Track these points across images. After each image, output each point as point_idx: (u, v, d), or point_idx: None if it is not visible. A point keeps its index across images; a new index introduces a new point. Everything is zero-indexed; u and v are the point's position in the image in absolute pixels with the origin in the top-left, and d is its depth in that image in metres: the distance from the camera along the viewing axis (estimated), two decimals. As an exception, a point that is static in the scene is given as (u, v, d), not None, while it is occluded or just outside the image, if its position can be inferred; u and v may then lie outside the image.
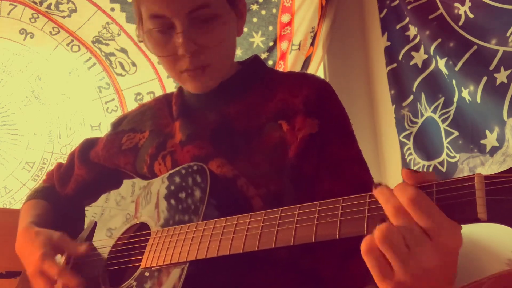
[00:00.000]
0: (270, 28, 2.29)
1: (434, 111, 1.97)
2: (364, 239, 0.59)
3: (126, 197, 1.06)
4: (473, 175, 0.54)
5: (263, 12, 2.28)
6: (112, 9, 2.14)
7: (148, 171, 1.03)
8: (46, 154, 2.11)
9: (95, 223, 1.09)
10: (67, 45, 2.14)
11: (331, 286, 0.86)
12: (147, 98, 2.19)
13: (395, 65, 2.20)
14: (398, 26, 2.18)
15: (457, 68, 1.83)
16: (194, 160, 0.93)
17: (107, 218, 1.07)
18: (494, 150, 1.70)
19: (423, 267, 0.56)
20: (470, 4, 1.81)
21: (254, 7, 2.26)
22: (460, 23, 1.86)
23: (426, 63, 2.04)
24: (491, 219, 0.52)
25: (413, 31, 2.10)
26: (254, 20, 2.27)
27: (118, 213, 1.05)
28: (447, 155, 1.90)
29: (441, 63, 1.90)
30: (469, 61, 1.80)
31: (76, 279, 0.91)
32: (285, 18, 2.30)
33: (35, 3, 2.06)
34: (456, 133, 1.86)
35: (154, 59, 2.20)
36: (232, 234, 0.75)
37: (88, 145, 1.19)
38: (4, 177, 2.04)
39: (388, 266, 0.57)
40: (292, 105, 0.95)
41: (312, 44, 2.31)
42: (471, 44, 1.80)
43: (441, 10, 1.95)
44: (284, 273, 0.87)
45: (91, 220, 1.10)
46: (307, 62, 2.30)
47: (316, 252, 0.85)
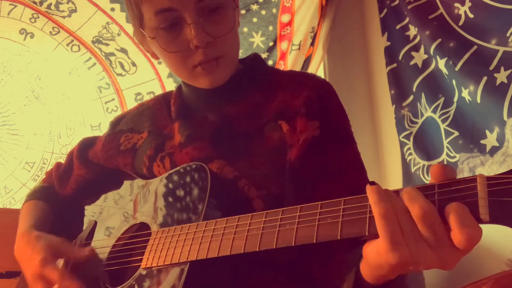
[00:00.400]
0: (270, 28, 2.29)
1: (434, 111, 1.97)
2: (377, 202, 0.58)
3: (124, 196, 1.06)
4: (475, 176, 0.54)
5: (263, 12, 2.28)
6: (112, 9, 2.14)
7: (147, 172, 1.02)
8: (46, 154, 2.11)
9: (95, 223, 1.08)
10: (67, 45, 2.14)
11: (322, 287, 0.86)
12: (147, 98, 2.16)
13: (395, 65, 2.20)
14: (398, 26, 2.18)
15: (457, 68, 1.83)
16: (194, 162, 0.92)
17: (106, 217, 1.07)
18: (494, 150, 1.69)
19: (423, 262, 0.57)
20: (470, 4, 1.81)
21: (254, 7, 2.26)
22: (460, 23, 1.85)
23: (426, 63, 2.04)
24: (493, 220, 0.52)
25: (413, 31, 2.10)
26: (254, 20, 2.27)
27: (116, 212, 1.05)
28: (447, 155, 1.90)
29: (441, 63, 1.90)
30: (469, 61, 1.80)
31: (77, 283, 0.91)
32: (285, 18, 2.30)
33: (35, 3, 2.06)
34: (456, 133, 1.86)
35: (154, 59, 2.20)
36: (233, 234, 0.74)
37: (86, 144, 1.18)
38: (4, 177, 2.04)
39: (401, 234, 0.57)
40: (292, 105, 0.94)
41: (312, 44, 2.30)
42: (471, 44, 1.80)
43: (441, 10, 1.95)
44: (283, 274, 0.87)
45: (91, 220, 1.10)
46: (307, 62, 2.30)
47: (309, 254, 0.85)
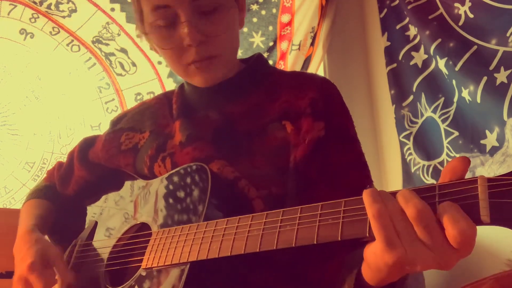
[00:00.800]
0: (270, 28, 2.29)
1: (434, 111, 1.97)
2: (371, 204, 0.58)
3: (125, 197, 1.06)
4: (476, 177, 0.54)
5: (263, 12, 2.28)
6: (112, 9, 2.14)
7: (148, 172, 1.02)
8: (46, 154, 2.10)
9: (96, 223, 1.08)
10: (67, 45, 2.13)
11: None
12: (147, 98, 2.17)
13: (395, 65, 2.20)
14: (398, 26, 2.18)
15: (457, 68, 1.83)
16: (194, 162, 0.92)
17: (106, 217, 1.07)
18: (494, 150, 1.70)
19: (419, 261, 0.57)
20: (470, 4, 1.81)
21: (254, 7, 2.26)
22: (460, 23, 1.85)
23: (426, 63, 2.04)
24: (494, 222, 0.52)
25: (413, 31, 2.10)
26: (254, 20, 2.27)
27: (116, 213, 1.05)
28: (447, 155, 1.90)
29: (441, 63, 1.90)
30: (469, 61, 1.80)
31: None
32: (285, 18, 2.30)
33: (35, 3, 2.06)
34: (456, 133, 1.86)
35: (154, 59, 2.19)
36: (233, 235, 0.74)
37: (87, 145, 1.17)
38: (4, 177, 2.04)
39: (396, 234, 0.57)
40: (297, 106, 0.94)
41: (312, 44, 2.30)
42: (471, 44, 1.80)
43: (441, 10, 1.95)
44: (284, 275, 0.87)
45: (91, 220, 1.10)
46: (307, 62, 2.30)
47: (309, 255, 0.85)
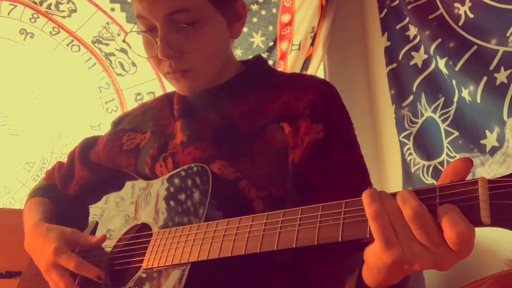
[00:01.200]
0: (270, 28, 2.29)
1: (434, 111, 1.97)
2: (369, 204, 0.59)
3: (125, 198, 1.06)
4: (476, 179, 0.54)
5: (263, 12, 2.28)
6: (112, 9, 2.14)
7: (150, 172, 1.02)
8: (46, 154, 2.10)
9: (96, 224, 1.08)
10: (67, 45, 2.13)
11: None
12: (147, 98, 2.18)
13: (395, 65, 2.20)
14: (398, 26, 2.18)
15: (457, 68, 1.83)
16: (196, 162, 0.92)
17: (107, 219, 1.07)
18: (494, 150, 1.70)
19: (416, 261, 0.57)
20: (470, 4, 1.81)
21: (254, 7, 2.26)
22: (460, 23, 1.86)
23: (426, 63, 2.04)
24: (495, 223, 0.52)
25: (413, 31, 2.10)
26: (254, 20, 2.27)
27: (117, 214, 1.05)
28: (447, 155, 1.90)
29: (441, 63, 1.90)
30: (469, 61, 1.80)
31: (96, 269, 0.91)
32: (285, 18, 2.30)
33: (35, 3, 2.06)
34: (456, 133, 1.86)
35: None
36: (234, 236, 0.74)
37: (88, 145, 1.18)
38: (4, 177, 2.04)
39: (394, 234, 0.57)
40: (296, 107, 0.94)
41: (312, 44, 2.30)
42: (471, 44, 1.80)
43: (441, 10, 1.95)
44: (284, 276, 0.87)
45: (92, 221, 1.10)
46: (307, 62, 2.30)
47: (308, 257, 0.85)
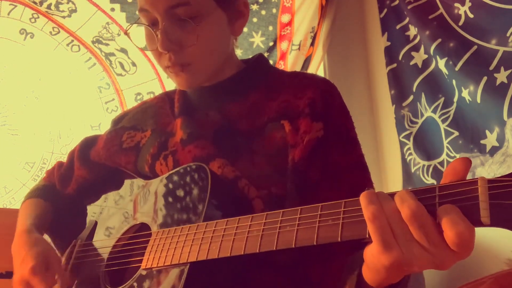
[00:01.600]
0: (270, 28, 2.29)
1: (434, 111, 1.97)
2: (366, 206, 0.58)
3: (124, 196, 1.06)
4: (476, 178, 0.54)
5: (263, 12, 2.28)
6: (112, 9, 2.14)
7: (149, 171, 1.02)
8: (46, 154, 2.10)
9: (95, 223, 1.08)
10: (67, 45, 2.13)
11: None
12: (147, 98, 2.18)
13: (395, 65, 2.20)
14: (398, 26, 2.18)
15: (457, 68, 1.83)
16: (196, 161, 0.92)
17: (106, 217, 1.07)
18: (494, 150, 1.70)
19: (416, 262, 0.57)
20: (470, 4, 1.81)
21: (254, 7, 2.26)
22: (460, 23, 1.85)
23: (426, 63, 2.04)
24: (494, 223, 0.51)
25: (413, 31, 2.10)
26: (254, 20, 2.27)
27: (116, 212, 1.05)
28: (447, 155, 1.90)
29: (441, 63, 1.90)
30: (469, 61, 1.80)
31: None
32: (285, 18, 2.30)
33: (35, 3, 2.06)
34: (456, 133, 1.86)
35: (154, 59, 2.19)
36: (233, 236, 0.74)
37: (88, 144, 1.18)
38: (4, 177, 2.04)
39: (392, 235, 0.57)
40: (296, 106, 0.94)
41: (312, 44, 2.30)
42: (471, 44, 1.80)
43: (441, 10, 1.95)
44: (283, 276, 0.87)
45: (91, 220, 1.10)
46: (307, 62, 2.30)
47: (307, 256, 0.85)
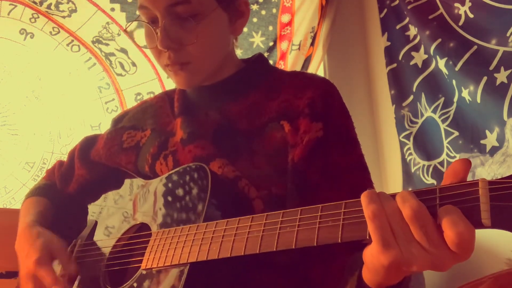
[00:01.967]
0: (270, 28, 2.29)
1: (434, 111, 1.97)
2: (367, 205, 0.58)
3: (124, 196, 1.06)
4: (477, 180, 0.53)
5: (263, 12, 2.28)
6: (112, 9, 2.13)
7: (150, 170, 1.02)
8: (46, 154, 2.10)
9: (96, 222, 1.08)
10: (67, 45, 2.13)
11: None
12: (147, 98, 2.18)
13: (395, 65, 2.20)
14: (398, 26, 2.18)
15: (457, 68, 1.83)
16: (196, 161, 0.92)
17: (105, 217, 1.07)
18: (494, 150, 1.70)
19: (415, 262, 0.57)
20: (470, 4, 1.81)
21: (254, 7, 2.26)
22: (460, 23, 1.85)
23: (426, 63, 2.04)
24: (495, 225, 0.51)
25: (413, 31, 2.09)
26: (254, 20, 2.27)
27: (116, 212, 1.05)
28: (447, 155, 1.90)
29: (441, 63, 1.90)
30: (469, 61, 1.80)
31: None
32: (285, 18, 2.30)
33: (35, 3, 2.06)
34: (456, 133, 1.86)
35: (154, 59, 2.19)
36: (233, 236, 0.74)
37: (88, 144, 1.18)
38: (4, 177, 2.03)
39: (392, 235, 0.57)
40: (295, 106, 0.94)
41: (312, 44, 2.30)
42: (471, 44, 1.80)
43: (441, 10, 1.95)
44: (284, 276, 0.87)
45: (91, 219, 1.10)
46: (307, 62, 2.30)
47: (307, 257, 0.85)
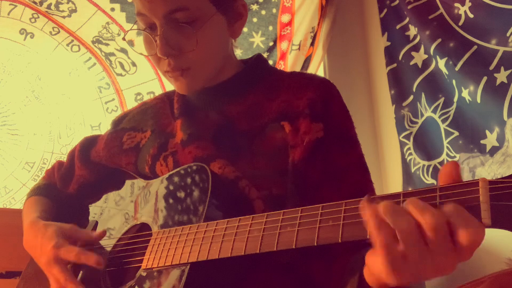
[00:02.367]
0: (270, 28, 2.29)
1: (434, 111, 1.97)
2: (378, 230, 0.57)
3: (125, 197, 1.06)
4: (477, 180, 0.54)
5: (263, 12, 2.28)
6: (112, 9, 2.13)
7: (150, 171, 1.02)
8: (46, 154, 2.10)
9: (96, 223, 1.08)
10: (67, 45, 2.13)
11: None
12: (147, 98, 2.17)
13: (395, 65, 2.20)
14: (398, 26, 2.18)
15: (457, 68, 1.83)
16: (196, 161, 0.92)
17: (106, 218, 1.07)
18: (494, 150, 1.70)
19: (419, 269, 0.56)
20: (470, 4, 1.81)
21: (254, 7, 2.26)
22: (460, 23, 1.85)
23: (426, 63, 2.04)
24: (495, 225, 0.51)
25: (413, 31, 2.10)
26: (254, 20, 2.27)
27: (117, 213, 1.05)
28: (447, 155, 1.90)
29: (441, 63, 1.90)
30: (469, 61, 1.80)
31: (95, 256, 0.90)
32: (285, 18, 2.30)
33: (35, 3, 2.06)
34: (456, 133, 1.86)
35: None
36: (233, 236, 0.74)
37: (88, 144, 1.18)
38: (4, 177, 2.03)
39: (401, 260, 0.56)
40: (296, 106, 0.94)
41: (312, 44, 2.30)
42: (471, 44, 1.80)
43: (441, 10, 1.95)
44: (284, 276, 0.87)
45: (92, 220, 1.10)
46: (307, 62, 2.30)
47: (309, 257, 0.85)
